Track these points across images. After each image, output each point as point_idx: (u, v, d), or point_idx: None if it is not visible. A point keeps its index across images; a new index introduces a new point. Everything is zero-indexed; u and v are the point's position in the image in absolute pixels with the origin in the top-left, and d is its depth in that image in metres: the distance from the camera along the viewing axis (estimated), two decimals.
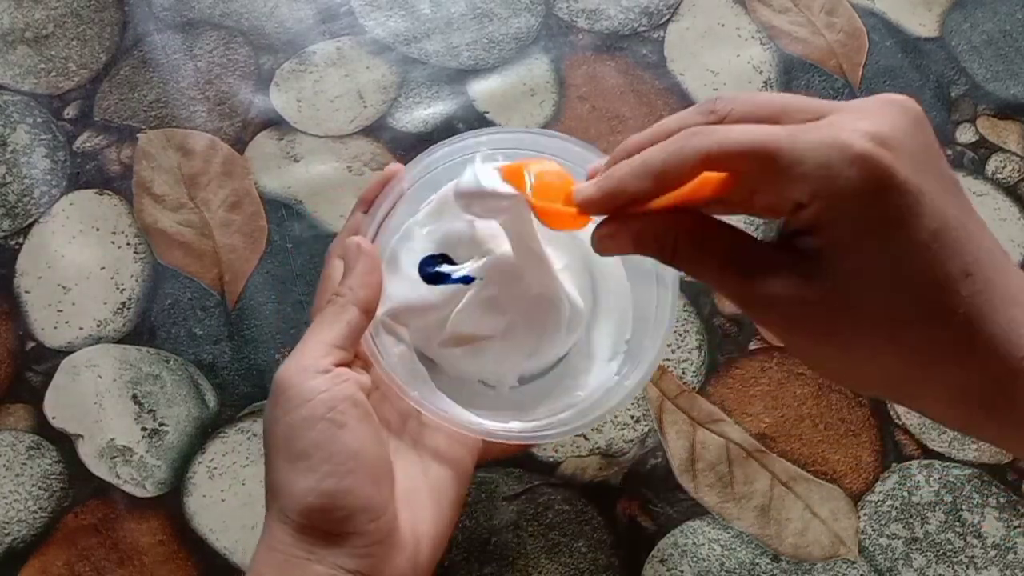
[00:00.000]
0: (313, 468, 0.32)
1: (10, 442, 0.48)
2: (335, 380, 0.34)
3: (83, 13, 0.60)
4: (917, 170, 0.26)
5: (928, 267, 0.26)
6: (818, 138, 0.26)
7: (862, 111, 0.27)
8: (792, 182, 0.27)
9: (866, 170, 0.26)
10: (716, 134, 0.28)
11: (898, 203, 0.26)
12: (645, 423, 0.49)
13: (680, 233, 0.29)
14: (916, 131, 0.27)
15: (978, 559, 0.46)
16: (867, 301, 0.27)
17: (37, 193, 0.54)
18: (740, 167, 0.28)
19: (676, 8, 0.61)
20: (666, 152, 0.29)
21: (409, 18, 0.60)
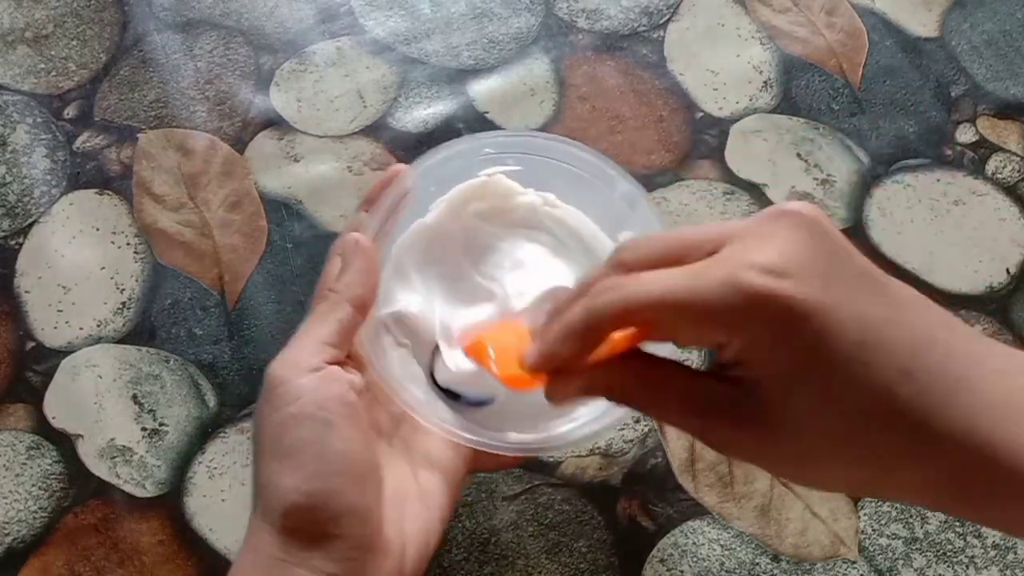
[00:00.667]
0: (299, 467, 0.32)
1: (10, 442, 0.48)
2: (325, 379, 0.33)
3: (83, 13, 0.60)
4: (823, 287, 0.26)
5: (862, 378, 0.26)
6: (719, 280, 0.26)
7: (756, 237, 0.27)
8: (704, 326, 0.27)
9: (768, 307, 0.26)
10: (627, 290, 0.28)
11: (811, 328, 0.26)
12: (645, 423, 0.49)
13: (626, 381, 0.30)
14: (813, 244, 0.27)
15: (978, 559, 0.46)
16: (811, 427, 0.27)
17: (37, 193, 0.54)
18: (653, 318, 0.28)
19: (676, 8, 0.61)
20: (584, 311, 0.29)
21: (409, 18, 0.60)
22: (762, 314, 0.26)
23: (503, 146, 0.42)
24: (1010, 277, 0.53)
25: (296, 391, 0.33)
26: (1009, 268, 0.53)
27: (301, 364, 0.33)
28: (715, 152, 0.56)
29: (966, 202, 0.55)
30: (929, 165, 0.56)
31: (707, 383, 0.29)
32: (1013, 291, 0.52)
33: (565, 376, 0.31)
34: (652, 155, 0.56)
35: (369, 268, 0.37)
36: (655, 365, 0.30)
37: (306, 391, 0.33)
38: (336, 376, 0.34)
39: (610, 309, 0.29)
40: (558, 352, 0.30)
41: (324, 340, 0.34)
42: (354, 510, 0.32)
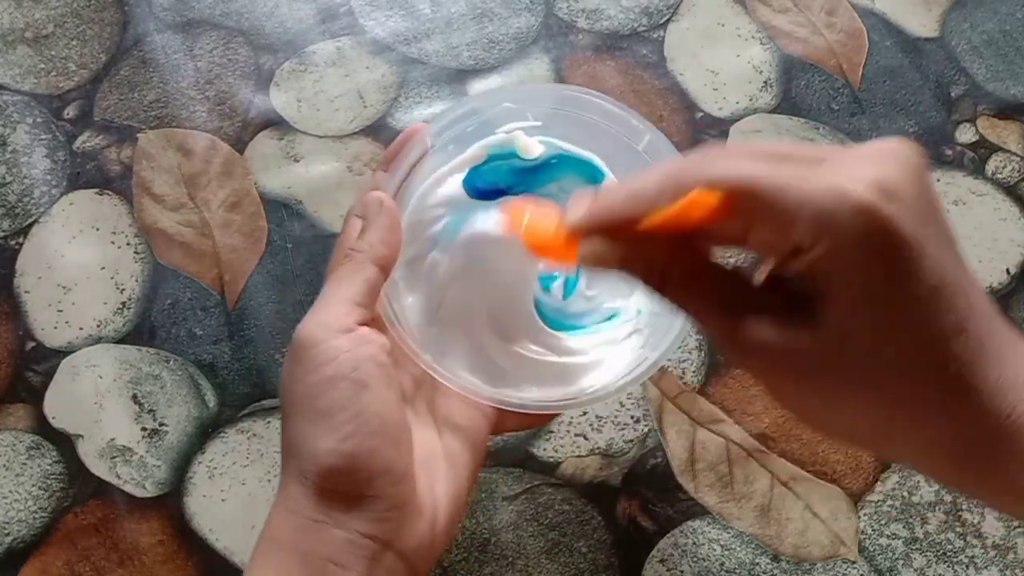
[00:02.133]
0: (336, 428, 0.31)
1: (10, 442, 0.48)
2: (359, 340, 0.33)
3: (83, 13, 0.60)
4: (919, 224, 0.26)
5: (923, 323, 0.26)
6: (823, 183, 0.26)
7: (866, 158, 0.27)
8: (793, 224, 0.26)
9: (870, 221, 0.25)
10: (719, 162, 0.27)
11: (900, 257, 0.25)
12: (645, 423, 0.49)
13: (671, 261, 0.28)
14: (919, 183, 0.27)
15: (978, 559, 0.46)
16: (859, 354, 0.26)
17: (37, 193, 0.54)
18: (743, 200, 0.27)
19: (676, 8, 0.61)
20: (665, 176, 0.28)
21: (409, 18, 0.60)
22: (861, 224, 0.25)
23: (522, 99, 0.40)
24: (1010, 277, 0.53)
25: (331, 352, 0.32)
26: (1009, 268, 0.53)
27: (333, 325, 0.33)
28: None
29: (966, 202, 0.55)
30: (929, 165, 0.56)
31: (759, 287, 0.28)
32: (1013, 291, 0.52)
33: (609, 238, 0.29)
34: None
35: (392, 227, 0.36)
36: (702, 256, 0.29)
37: (341, 352, 0.32)
38: (369, 337, 0.33)
39: (698, 177, 0.27)
40: (614, 209, 0.29)
41: (353, 300, 0.34)
42: (390, 471, 0.32)
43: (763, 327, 0.27)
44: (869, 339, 0.26)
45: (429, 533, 0.33)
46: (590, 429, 0.48)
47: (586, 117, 0.40)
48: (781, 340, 0.27)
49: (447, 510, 0.34)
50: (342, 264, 0.35)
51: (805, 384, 0.28)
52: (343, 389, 0.32)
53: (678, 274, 0.28)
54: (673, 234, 0.28)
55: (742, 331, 0.27)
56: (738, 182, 0.26)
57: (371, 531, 0.32)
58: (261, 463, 0.47)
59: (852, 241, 0.25)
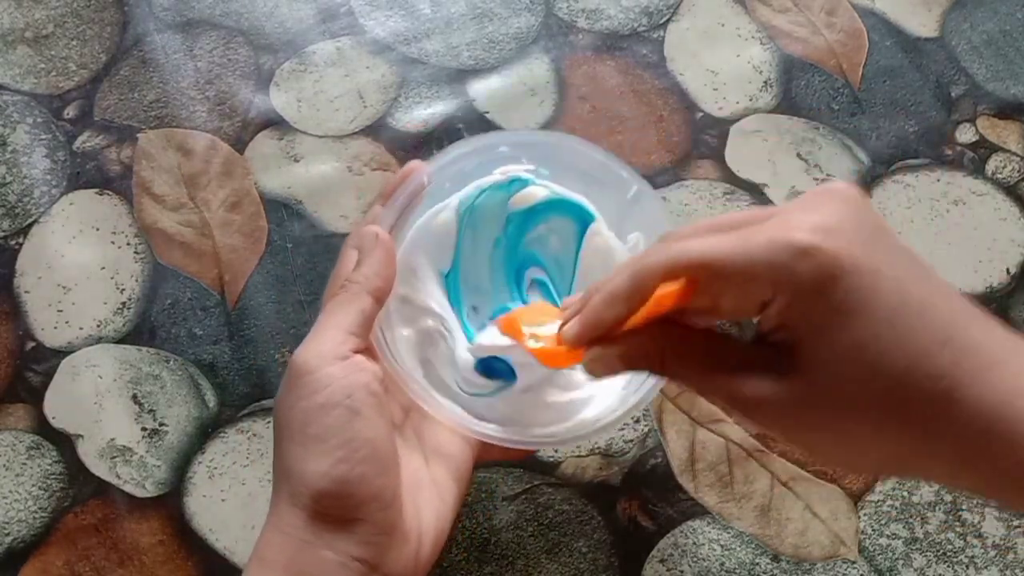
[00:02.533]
0: (327, 452, 0.32)
1: (10, 442, 0.48)
2: (353, 368, 0.34)
3: (83, 13, 0.60)
4: (868, 251, 0.27)
5: (899, 343, 0.26)
6: (766, 238, 0.27)
7: (804, 206, 0.28)
8: (751, 283, 0.28)
9: (816, 261, 0.26)
10: (672, 248, 0.29)
11: (853, 286, 0.26)
12: (645, 423, 0.49)
13: (664, 346, 0.30)
14: (859, 215, 0.28)
15: (978, 559, 0.46)
16: (850, 388, 0.27)
17: (37, 193, 0.54)
18: (700, 275, 0.29)
19: (676, 8, 0.61)
20: (630, 274, 0.30)
21: (409, 18, 0.60)
22: (809, 265, 0.26)
23: (518, 145, 0.42)
24: (1010, 277, 0.53)
25: (324, 379, 0.33)
26: (1009, 268, 0.53)
27: (328, 353, 0.34)
28: (715, 152, 0.56)
29: (966, 202, 0.55)
30: (929, 165, 0.56)
31: (746, 346, 0.30)
32: (1013, 291, 0.52)
33: (605, 345, 0.31)
34: (652, 155, 0.56)
35: (387, 260, 0.37)
36: (691, 329, 0.31)
37: (334, 379, 0.33)
38: (363, 365, 0.34)
39: (658, 266, 0.29)
40: (601, 318, 0.31)
41: (348, 329, 0.35)
42: (379, 496, 0.33)
43: (759, 384, 0.28)
44: (851, 373, 0.27)
45: (414, 559, 0.34)
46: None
47: (577, 164, 0.42)
48: (776, 393, 0.28)
49: (432, 537, 0.35)
50: (338, 294, 0.36)
51: (810, 429, 0.29)
52: (336, 416, 0.33)
53: (673, 354, 0.30)
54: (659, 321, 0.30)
55: (741, 392, 0.29)
56: (692, 261, 0.29)
57: (360, 554, 0.33)
58: (261, 463, 0.47)
59: (806, 284, 0.27)
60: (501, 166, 0.42)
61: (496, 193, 0.42)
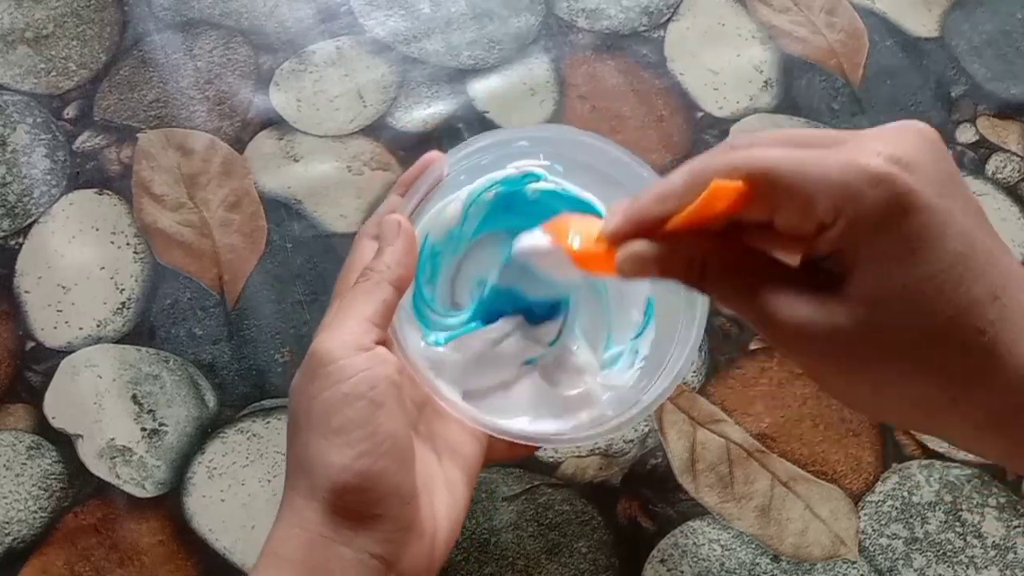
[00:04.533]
0: (350, 445, 0.32)
1: (10, 442, 0.48)
2: (376, 359, 0.33)
3: (83, 13, 0.60)
4: (940, 192, 0.26)
5: (954, 289, 0.26)
6: (841, 159, 0.26)
7: (881, 135, 0.27)
8: (814, 202, 0.26)
9: (888, 191, 0.25)
10: (740, 152, 0.28)
11: (923, 223, 0.26)
12: (645, 423, 0.49)
13: (708, 255, 0.29)
14: (936, 155, 0.27)
15: (978, 559, 0.46)
16: (894, 325, 0.26)
17: (37, 193, 0.54)
18: (763, 184, 0.27)
19: (676, 8, 0.61)
20: (689, 172, 0.28)
21: (409, 18, 0.60)
22: (880, 195, 0.26)
23: (538, 140, 0.41)
24: None
25: (348, 370, 0.32)
26: None
27: (351, 343, 0.33)
28: None
29: None
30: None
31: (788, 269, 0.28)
32: None
33: (644, 243, 0.30)
34: (652, 155, 0.56)
35: (409, 249, 0.36)
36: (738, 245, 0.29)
37: (359, 370, 0.32)
38: (385, 357, 0.33)
39: (720, 169, 0.27)
40: (647, 213, 0.29)
41: (371, 319, 0.34)
42: (399, 491, 0.32)
43: (798, 306, 0.27)
44: (899, 310, 0.26)
45: (428, 556, 0.34)
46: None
47: (595, 163, 0.41)
48: (816, 317, 0.27)
49: (444, 534, 0.35)
50: (359, 284, 0.35)
51: (846, 363, 0.27)
52: (359, 407, 0.32)
53: (715, 266, 0.29)
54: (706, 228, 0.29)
55: (780, 314, 0.27)
56: (757, 168, 0.27)
57: (378, 551, 0.32)
58: (261, 463, 0.47)
59: (873, 213, 0.26)
60: (516, 161, 0.42)
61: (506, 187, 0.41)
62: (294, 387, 0.34)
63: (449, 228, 0.42)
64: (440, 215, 0.41)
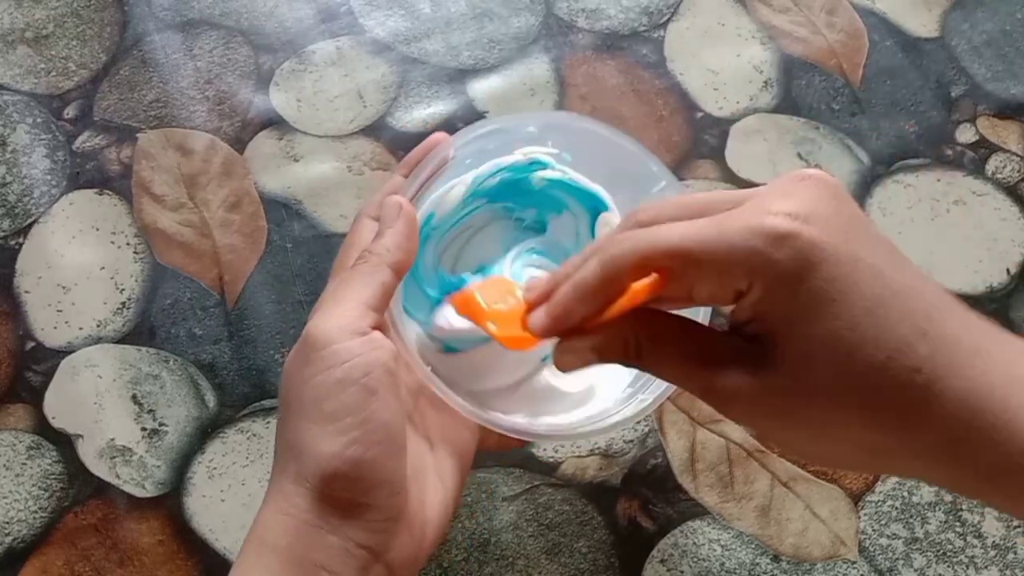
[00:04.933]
0: (342, 432, 0.31)
1: (10, 442, 0.48)
2: (372, 344, 0.32)
3: (83, 13, 0.60)
4: (846, 239, 0.26)
5: (879, 334, 0.26)
6: (742, 224, 0.26)
7: (780, 192, 0.27)
8: (726, 272, 0.27)
9: (793, 248, 0.26)
10: (645, 237, 0.28)
11: (833, 275, 0.26)
12: (645, 423, 0.49)
13: (641, 336, 0.29)
14: (837, 203, 0.27)
15: (978, 559, 0.46)
16: (824, 381, 0.26)
17: (37, 193, 0.54)
18: (674, 264, 0.28)
19: (676, 8, 0.61)
20: (599, 265, 0.29)
21: (409, 18, 0.60)
22: (786, 253, 0.26)
23: (548, 127, 0.41)
24: (1010, 277, 0.53)
25: (343, 354, 0.32)
26: (1009, 268, 0.53)
27: (348, 327, 0.32)
28: (715, 152, 0.56)
29: (966, 202, 0.55)
30: (929, 165, 0.56)
31: (721, 336, 0.29)
32: (1013, 291, 0.52)
33: (577, 337, 0.30)
34: None
35: (411, 233, 0.35)
36: (667, 317, 0.30)
37: (354, 355, 0.32)
38: (381, 342, 0.33)
39: (629, 257, 0.28)
40: (571, 311, 0.30)
41: (368, 303, 0.33)
42: (390, 481, 0.32)
43: (733, 376, 0.28)
44: (827, 363, 0.26)
45: (416, 547, 0.33)
46: None
47: (604, 153, 0.40)
48: (751, 384, 0.27)
49: (435, 526, 0.34)
50: (358, 266, 0.34)
51: (786, 421, 0.28)
52: (353, 393, 0.31)
53: (650, 344, 0.29)
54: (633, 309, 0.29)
55: (716, 383, 0.28)
56: (664, 252, 0.27)
57: (365, 541, 0.32)
58: (261, 463, 0.47)
59: (783, 273, 0.26)
60: (524, 147, 0.41)
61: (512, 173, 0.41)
62: (287, 369, 0.33)
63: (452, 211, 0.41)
64: (443, 199, 0.40)
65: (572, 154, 0.41)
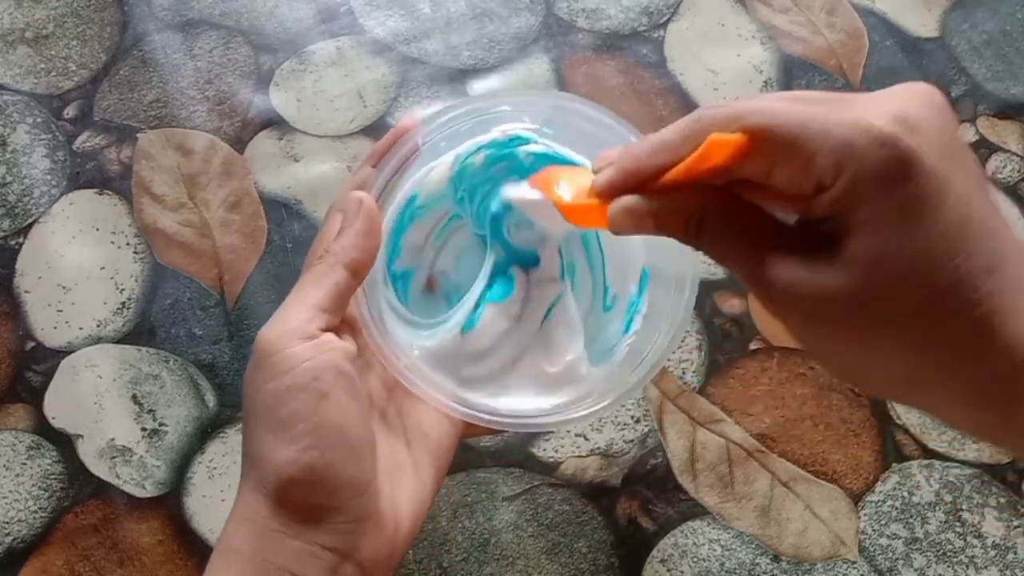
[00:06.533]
0: (295, 439, 0.31)
1: (10, 442, 0.48)
2: (320, 348, 0.32)
3: (83, 13, 0.60)
4: (943, 157, 0.25)
5: (951, 260, 0.25)
6: (846, 117, 0.25)
7: (890, 96, 0.27)
8: (814, 158, 0.26)
9: (891, 152, 0.25)
10: (745, 104, 0.27)
11: (924, 189, 0.25)
12: (645, 423, 0.49)
13: (707, 210, 0.28)
14: (943, 120, 0.26)
15: (978, 559, 0.46)
16: (885, 291, 0.26)
17: (37, 193, 0.54)
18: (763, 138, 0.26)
19: (676, 8, 0.61)
20: (685, 125, 0.28)
21: (409, 18, 0.60)
22: (883, 156, 0.25)
23: (520, 104, 0.40)
24: None
25: (290, 360, 0.31)
26: None
27: (294, 331, 0.32)
28: None
29: None
30: None
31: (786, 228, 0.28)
32: None
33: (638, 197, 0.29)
34: None
35: (370, 231, 0.35)
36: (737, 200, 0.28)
37: (301, 360, 0.31)
38: (331, 345, 0.32)
39: (718, 119, 0.27)
40: (641, 165, 0.29)
41: (317, 305, 0.33)
42: (351, 483, 0.32)
43: (791, 267, 0.27)
44: (894, 275, 0.25)
45: (389, 544, 0.33)
46: (590, 429, 0.48)
47: (582, 126, 0.39)
48: (808, 279, 0.26)
49: (409, 521, 0.34)
50: (312, 266, 0.34)
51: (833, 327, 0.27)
52: (302, 399, 0.31)
53: (712, 222, 0.28)
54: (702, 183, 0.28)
55: (771, 272, 0.27)
56: (757, 120, 0.26)
57: (330, 543, 0.31)
58: None
59: (874, 173, 0.25)
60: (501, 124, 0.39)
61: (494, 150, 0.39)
62: (245, 377, 0.33)
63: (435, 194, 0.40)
64: (425, 179, 0.39)
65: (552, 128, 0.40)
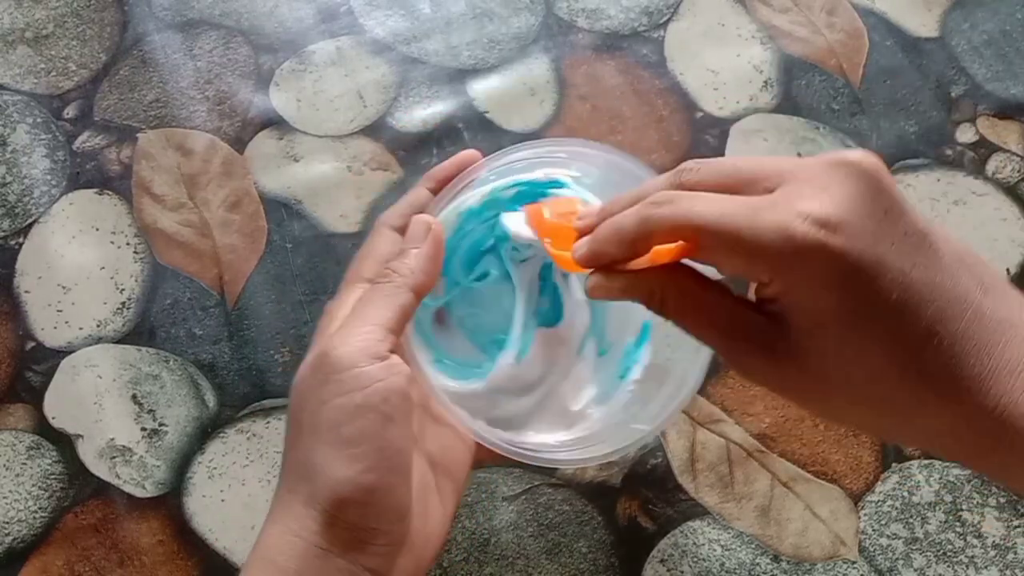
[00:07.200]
0: (357, 458, 0.31)
1: (10, 442, 0.48)
2: (391, 370, 0.32)
3: (83, 13, 0.60)
4: (871, 244, 0.26)
5: (893, 335, 0.27)
6: (773, 222, 0.27)
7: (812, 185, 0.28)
8: (752, 262, 0.28)
9: (817, 257, 0.26)
10: (682, 205, 0.29)
11: (854, 283, 0.26)
12: None
13: (667, 289, 0.30)
14: (868, 199, 0.27)
15: (978, 559, 0.46)
16: (836, 372, 0.28)
17: (37, 193, 0.54)
18: (703, 241, 0.29)
19: (676, 8, 0.61)
20: (638, 218, 0.30)
21: (409, 18, 0.60)
22: (809, 263, 0.26)
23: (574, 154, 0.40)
24: (1010, 277, 0.53)
25: (362, 379, 0.31)
26: (1009, 268, 0.53)
27: (367, 350, 0.32)
28: (715, 152, 0.56)
29: (966, 202, 0.55)
30: (929, 165, 0.56)
31: (743, 308, 0.30)
32: None
33: (609, 273, 0.32)
34: (652, 155, 0.56)
35: (436, 255, 0.35)
36: (696, 280, 0.31)
37: (374, 380, 0.31)
38: (399, 368, 0.32)
39: (665, 221, 0.29)
40: (605, 252, 0.32)
41: (387, 326, 0.33)
42: (399, 507, 0.32)
43: (753, 360, 0.29)
44: (840, 359, 0.27)
45: (415, 566, 0.33)
46: None
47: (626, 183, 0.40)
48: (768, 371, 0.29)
49: (433, 545, 0.34)
50: (379, 284, 0.34)
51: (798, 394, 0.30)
52: (371, 419, 0.31)
53: (675, 297, 0.30)
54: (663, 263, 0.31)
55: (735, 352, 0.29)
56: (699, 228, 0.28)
57: (372, 565, 0.32)
58: (261, 463, 0.47)
59: (804, 276, 0.27)
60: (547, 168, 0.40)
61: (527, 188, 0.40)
62: (301, 388, 0.33)
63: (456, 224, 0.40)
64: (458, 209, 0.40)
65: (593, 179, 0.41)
